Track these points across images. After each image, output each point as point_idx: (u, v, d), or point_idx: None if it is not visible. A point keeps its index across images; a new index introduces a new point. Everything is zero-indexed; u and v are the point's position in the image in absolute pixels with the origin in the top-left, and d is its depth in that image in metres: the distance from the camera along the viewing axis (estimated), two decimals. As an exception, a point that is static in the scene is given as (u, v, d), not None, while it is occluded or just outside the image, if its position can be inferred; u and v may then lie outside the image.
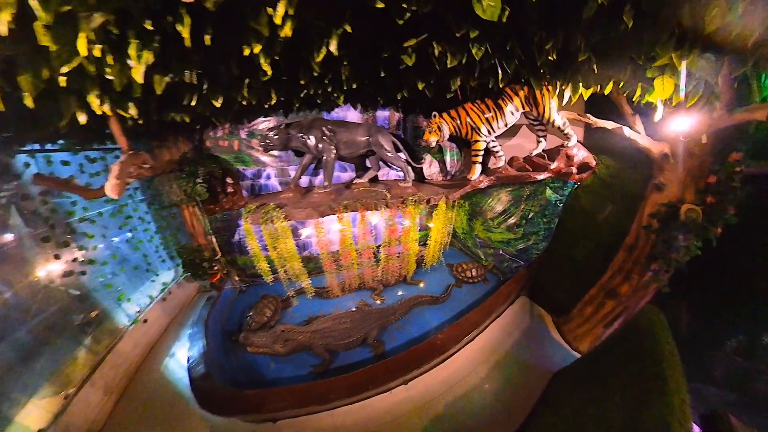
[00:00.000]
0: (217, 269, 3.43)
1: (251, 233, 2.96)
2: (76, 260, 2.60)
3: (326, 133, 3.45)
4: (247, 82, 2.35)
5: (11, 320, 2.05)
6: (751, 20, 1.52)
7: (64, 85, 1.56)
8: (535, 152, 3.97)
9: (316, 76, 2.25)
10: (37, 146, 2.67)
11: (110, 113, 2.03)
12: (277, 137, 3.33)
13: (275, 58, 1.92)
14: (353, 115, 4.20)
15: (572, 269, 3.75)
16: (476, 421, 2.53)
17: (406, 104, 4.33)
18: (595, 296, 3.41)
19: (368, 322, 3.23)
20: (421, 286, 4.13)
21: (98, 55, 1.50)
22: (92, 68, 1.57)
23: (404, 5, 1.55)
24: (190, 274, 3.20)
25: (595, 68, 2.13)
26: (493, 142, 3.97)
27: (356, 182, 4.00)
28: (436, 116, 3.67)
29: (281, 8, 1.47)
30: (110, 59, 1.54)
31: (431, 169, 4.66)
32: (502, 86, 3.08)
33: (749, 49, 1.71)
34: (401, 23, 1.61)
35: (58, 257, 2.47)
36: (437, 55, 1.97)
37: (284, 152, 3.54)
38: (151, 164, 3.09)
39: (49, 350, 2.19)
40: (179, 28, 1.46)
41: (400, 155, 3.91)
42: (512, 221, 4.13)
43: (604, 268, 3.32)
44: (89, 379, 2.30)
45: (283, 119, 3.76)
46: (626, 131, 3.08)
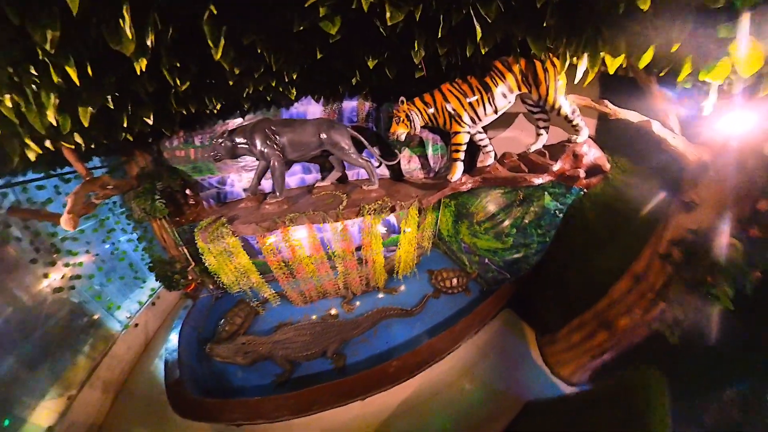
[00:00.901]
0: (191, 279, 3.93)
1: (206, 250, 3.24)
2: (64, 277, 3.18)
3: (269, 135, 3.32)
4: (172, 92, 2.44)
5: (15, 336, 2.74)
6: None
7: (-4, 132, 1.80)
8: (533, 148, 3.46)
9: (238, 73, 2.22)
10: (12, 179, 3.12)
11: (53, 148, 2.32)
12: (222, 146, 3.30)
13: (176, 65, 2.02)
14: (315, 109, 3.95)
15: (565, 288, 3.49)
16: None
17: (378, 91, 3.93)
18: (586, 322, 3.20)
19: (328, 335, 3.51)
20: (395, 294, 4.26)
21: (10, 105, 1.72)
22: (12, 116, 1.79)
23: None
24: (164, 286, 3.74)
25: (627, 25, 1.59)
26: (479, 134, 3.54)
27: (318, 186, 3.92)
28: (403, 102, 3.25)
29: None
30: (23, 106, 1.72)
31: (410, 165, 4.42)
32: (487, 58, 2.66)
33: None
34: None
35: (46, 276, 3.07)
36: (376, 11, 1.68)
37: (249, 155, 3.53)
38: (114, 184, 3.42)
39: (51, 359, 2.90)
40: (69, 70, 1.60)
41: (362, 152, 3.67)
42: (501, 228, 3.83)
43: (602, 293, 3.04)
44: (88, 381, 3.02)
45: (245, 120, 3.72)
46: (655, 127, 2.52)
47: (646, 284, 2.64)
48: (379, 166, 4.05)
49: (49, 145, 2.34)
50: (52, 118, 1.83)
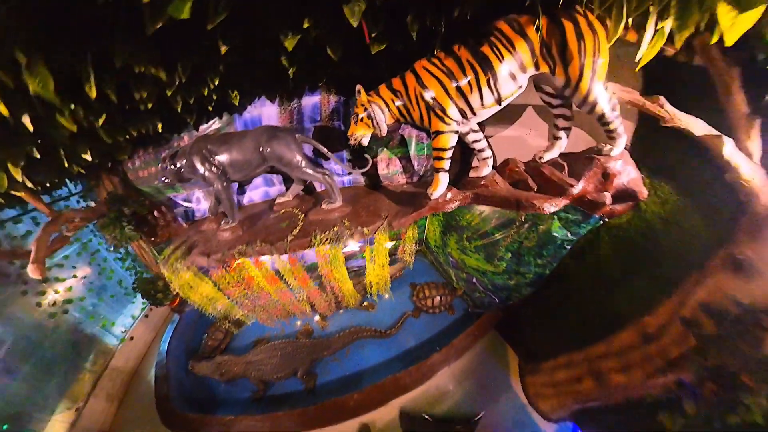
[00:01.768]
0: (174, 295, 4.35)
1: (172, 279, 3.49)
2: (55, 303, 3.72)
3: (206, 157, 3.11)
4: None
5: (21, 360, 3.38)
6: None
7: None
8: (547, 156, 2.77)
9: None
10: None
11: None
12: (167, 171, 3.19)
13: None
14: (271, 111, 3.65)
15: (558, 320, 3.28)
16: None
17: (345, 82, 3.44)
18: (575, 364, 3.03)
19: (298, 357, 3.76)
20: (372, 311, 4.34)
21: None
22: None
23: None
24: (149, 303, 4.21)
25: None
26: (473, 133, 2.86)
27: (278, 202, 3.74)
28: (360, 93, 2.66)
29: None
30: None
31: (390, 169, 3.96)
32: (485, 17, 2.17)
33: None
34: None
35: (39, 305, 3.61)
36: None
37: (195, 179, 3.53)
38: (80, 216, 3.72)
39: (57, 376, 3.54)
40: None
41: (313, 165, 3.31)
42: (494, 250, 3.49)
43: (599, 337, 2.80)
44: (92, 393, 3.70)
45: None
46: (726, 148, 1.93)
47: (656, 347, 2.34)
48: (349, 173, 3.80)
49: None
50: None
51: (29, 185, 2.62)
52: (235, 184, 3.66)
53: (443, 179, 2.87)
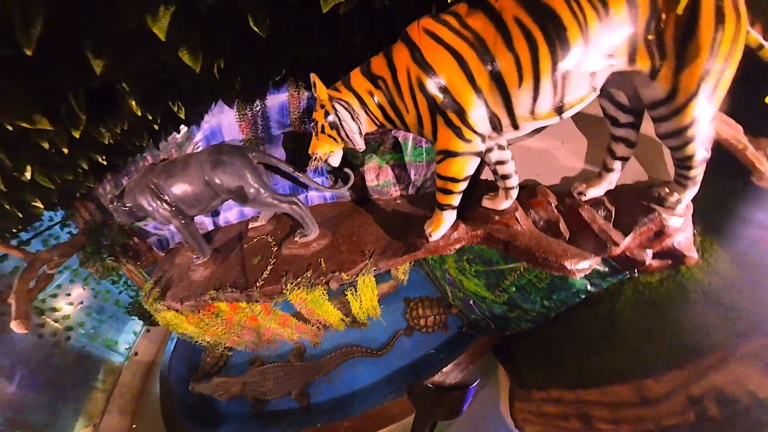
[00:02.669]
0: (168, 316, 4.56)
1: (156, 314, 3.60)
2: (56, 333, 4.03)
3: (155, 192, 2.76)
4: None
5: (37, 387, 3.77)
6: None
7: None
8: (591, 192, 2.19)
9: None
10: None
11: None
12: (120, 211, 2.93)
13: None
14: (229, 117, 3.24)
15: (555, 355, 3.18)
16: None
17: (316, 71, 2.89)
18: (565, 402, 3.05)
19: (291, 380, 3.97)
20: (364, 329, 4.36)
21: None
22: None
23: None
24: (145, 323, 4.45)
25: None
26: (499, 149, 2.07)
27: (251, 227, 3.58)
28: (316, 86, 1.94)
29: None
30: None
31: (380, 180, 3.57)
32: None
33: None
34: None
35: (42, 336, 3.92)
36: None
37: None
38: (58, 253, 3.82)
39: (72, 398, 3.98)
40: None
41: (278, 192, 2.88)
42: (497, 279, 3.20)
43: (594, 384, 2.75)
44: (106, 409, 4.17)
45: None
46: None
47: (651, 412, 2.27)
48: (332, 186, 3.45)
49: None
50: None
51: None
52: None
53: (448, 219, 2.27)
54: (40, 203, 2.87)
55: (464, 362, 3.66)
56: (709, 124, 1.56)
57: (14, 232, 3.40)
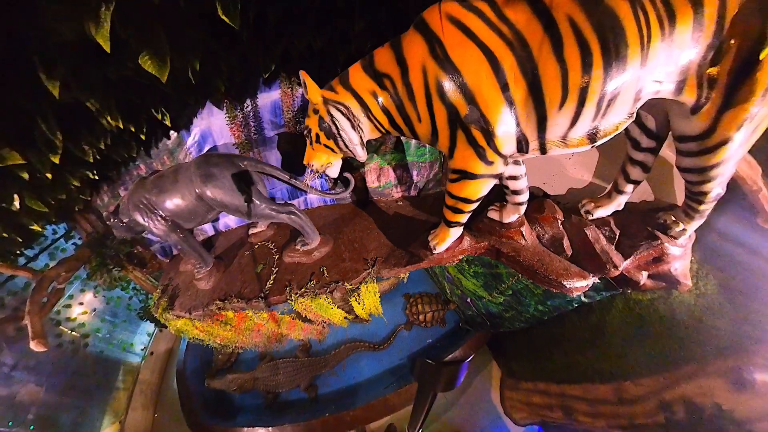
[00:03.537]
0: (178, 318, 4.80)
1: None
2: (74, 342, 4.30)
3: (147, 208, 2.71)
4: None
5: (65, 392, 4.10)
6: None
7: None
8: (599, 212, 2.16)
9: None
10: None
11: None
12: (116, 228, 2.94)
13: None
14: (219, 120, 3.10)
15: (544, 353, 3.42)
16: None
17: (310, 66, 2.56)
18: (550, 394, 3.36)
19: (300, 374, 4.27)
20: (366, 324, 4.60)
21: None
22: None
23: None
24: (156, 326, 4.70)
25: None
26: (514, 165, 1.90)
27: (251, 233, 3.60)
28: (308, 85, 1.68)
29: None
30: None
31: (381, 181, 3.50)
32: None
33: None
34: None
35: (61, 345, 4.19)
36: None
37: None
38: (65, 268, 3.95)
39: (97, 399, 4.33)
40: None
41: (274, 201, 2.84)
42: (494, 282, 3.30)
43: (578, 381, 3.04)
44: (129, 405, 4.53)
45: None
46: None
47: (625, 410, 2.55)
48: (332, 188, 3.36)
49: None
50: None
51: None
52: None
53: (454, 234, 2.21)
54: (37, 227, 2.88)
55: (460, 354, 3.94)
56: (734, 165, 1.46)
57: (18, 253, 3.51)
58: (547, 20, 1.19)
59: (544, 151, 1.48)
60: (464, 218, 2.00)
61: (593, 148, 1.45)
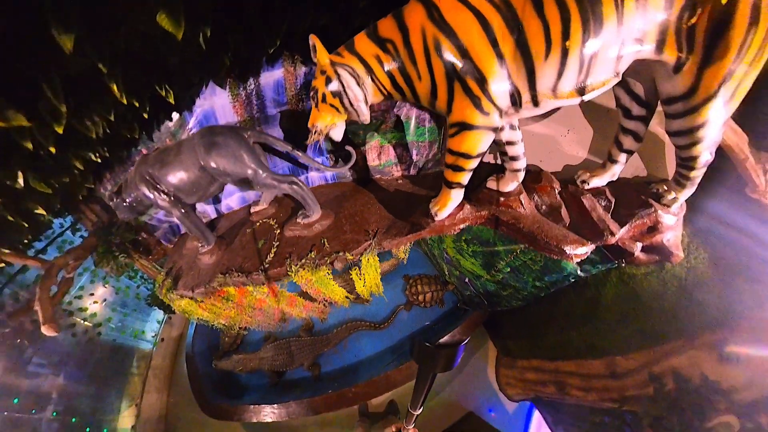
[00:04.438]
0: (185, 304, 5.00)
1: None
2: (87, 331, 4.54)
3: (150, 183, 2.74)
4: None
5: (83, 379, 4.39)
6: None
7: None
8: (594, 182, 2.25)
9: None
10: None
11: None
12: (120, 208, 2.95)
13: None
14: (222, 99, 3.13)
15: (538, 330, 3.49)
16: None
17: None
18: (543, 370, 3.48)
19: (302, 353, 4.39)
20: (367, 305, 4.71)
21: None
22: None
23: None
24: (164, 312, 4.91)
25: None
26: (511, 130, 2.06)
27: (253, 211, 3.63)
28: (317, 48, 1.85)
29: None
30: None
31: (382, 160, 3.55)
32: None
33: None
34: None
35: (75, 335, 4.44)
36: None
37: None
38: (73, 257, 4.13)
39: (114, 385, 4.59)
40: None
41: (277, 172, 2.84)
42: (492, 260, 3.31)
43: (571, 357, 3.14)
44: (144, 389, 4.80)
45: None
46: None
47: (616, 384, 2.65)
48: (333, 165, 3.42)
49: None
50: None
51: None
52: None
53: (455, 198, 2.24)
54: (42, 210, 2.91)
55: (458, 334, 4.02)
56: (720, 128, 1.56)
57: (26, 242, 3.65)
58: None
59: (536, 103, 1.62)
60: (464, 178, 2.06)
61: (590, 125, 1.64)
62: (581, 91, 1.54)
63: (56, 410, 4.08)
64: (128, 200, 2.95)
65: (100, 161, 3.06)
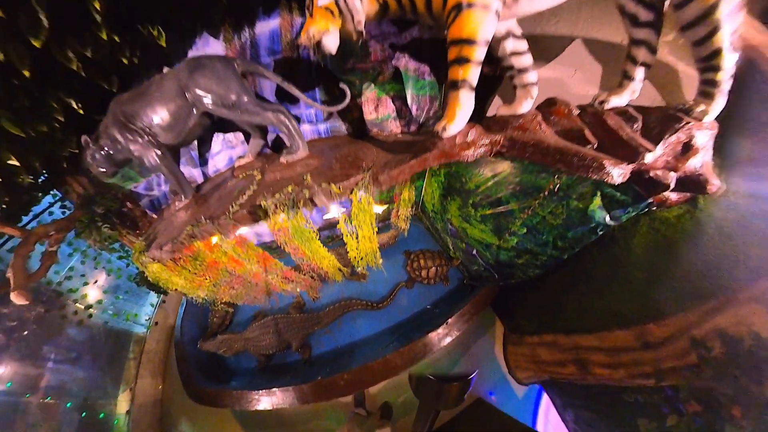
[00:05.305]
0: (171, 282, 4.85)
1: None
2: (77, 313, 4.44)
3: (125, 124, 2.55)
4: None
5: (77, 364, 4.30)
6: None
7: None
8: (613, 101, 2.11)
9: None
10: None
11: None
12: (95, 159, 2.75)
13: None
14: (215, 50, 2.99)
15: (553, 300, 3.07)
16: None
17: None
18: (561, 347, 3.00)
19: (291, 332, 4.06)
20: (363, 282, 4.37)
21: None
22: None
23: None
24: (153, 291, 4.78)
25: None
26: (515, 39, 2.10)
27: (238, 165, 3.34)
28: None
29: None
30: None
31: (379, 112, 3.27)
32: None
33: None
34: None
35: (65, 317, 4.33)
36: None
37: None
38: (54, 228, 4.01)
39: (109, 369, 4.49)
40: None
41: (261, 101, 2.69)
42: (506, 221, 3.00)
43: (593, 329, 2.71)
44: (138, 374, 4.67)
45: None
46: None
47: (651, 355, 2.30)
48: (327, 117, 3.27)
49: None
50: None
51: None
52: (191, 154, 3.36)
53: (465, 103, 2.01)
54: (15, 160, 2.66)
55: (468, 313, 3.64)
56: (736, 11, 1.52)
57: (3, 207, 3.49)
58: None
59: None
60: (472, 73, 1.91)
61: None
62: None
63: (50, 395, 4.03)
64: (105, 148, 2.72)
65: (82, 112, 2.81)
